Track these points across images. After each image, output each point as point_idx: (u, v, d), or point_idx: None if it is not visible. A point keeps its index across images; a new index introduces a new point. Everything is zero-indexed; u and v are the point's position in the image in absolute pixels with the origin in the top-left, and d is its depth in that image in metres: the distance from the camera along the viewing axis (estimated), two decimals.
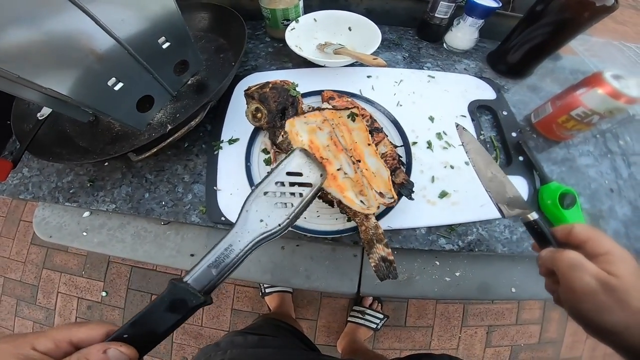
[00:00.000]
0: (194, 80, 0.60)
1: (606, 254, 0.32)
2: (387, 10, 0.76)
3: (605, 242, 0.33)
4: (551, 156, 0.58)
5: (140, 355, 0.23)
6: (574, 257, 0.33)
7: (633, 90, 0.46)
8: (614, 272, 0.30)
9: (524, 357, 1.31)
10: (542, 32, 0.59)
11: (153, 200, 0.53)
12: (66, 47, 0.37)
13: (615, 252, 0.31)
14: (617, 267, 0.30)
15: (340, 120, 0.47)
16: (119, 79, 0.45)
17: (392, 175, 0.45)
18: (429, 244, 0.49)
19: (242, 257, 0.29)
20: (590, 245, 0.33)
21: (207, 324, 1.31)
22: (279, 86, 0.46)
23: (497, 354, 1.31)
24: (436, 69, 0.69)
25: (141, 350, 0.23)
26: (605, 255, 0.32)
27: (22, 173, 0.57)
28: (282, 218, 0.31)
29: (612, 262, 0.31)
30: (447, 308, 1.34)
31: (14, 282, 1.43)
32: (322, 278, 0.52)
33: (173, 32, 0.50)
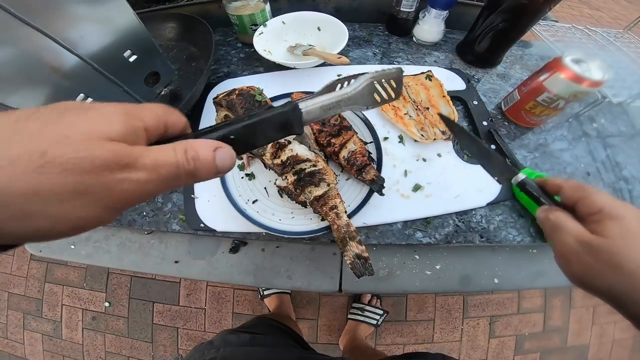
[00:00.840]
0: (168, 90, 0.61)
1: (597, 213, 0.29)
2: (355, 7, 0.77)
3: (597, 200, 0.30)
4: (524, 143, 0.58)
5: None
6: (555, 218, 0.31)
7: (595, 73, 0.46)
8: (601, 231, 0.28)
9: (530, 346, 1.31)
10: (502, 19, 0.60)
11: (134, 211, 0.54)
12: (28, 67, 0.38)
13: (607, 211, 0.29)
14: (605, 227, 0.28)
15: (418, 82, 0.61)
16: (87, 94, 0.45)
17: (363, 172, 0.46)
18: (406, 238, 0.49)
19: (342, 110, 0.29)
20: (580, 205, 0.31)
21: (209, 328, 1.32)
22: (245, 92, 0.47)
23: (502, 344, 1.30)
24: (407, 63, 0.70)
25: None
26: (596, 214, 0.29)
27: None
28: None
29: (601, 221, 0.29)
30: (447, 300, 1.33)
31: (18, 297, 1.46)
32: (304, 278, 0.53)
33: (138, 45, 0.50)
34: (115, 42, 0.47)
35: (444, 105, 0.59)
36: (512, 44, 0.65)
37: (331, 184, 0.44)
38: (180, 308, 1.36)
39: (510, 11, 0.58)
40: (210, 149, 0.20)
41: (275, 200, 0.48)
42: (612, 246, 0.27)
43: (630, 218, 0.28)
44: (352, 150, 0.47)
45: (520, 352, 1.30)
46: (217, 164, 0.20)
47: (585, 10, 2.47)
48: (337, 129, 0.48)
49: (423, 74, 0.62)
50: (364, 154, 0.47)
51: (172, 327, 1.34)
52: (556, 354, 1.30)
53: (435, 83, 0.61)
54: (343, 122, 0.49)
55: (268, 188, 0.49)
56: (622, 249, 0.27)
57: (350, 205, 0.47)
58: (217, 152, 0.20)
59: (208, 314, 1.34)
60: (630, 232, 0.27)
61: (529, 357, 1.30)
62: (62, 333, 1.40)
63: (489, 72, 0.69)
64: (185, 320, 1.34)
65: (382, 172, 0.49)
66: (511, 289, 0.55)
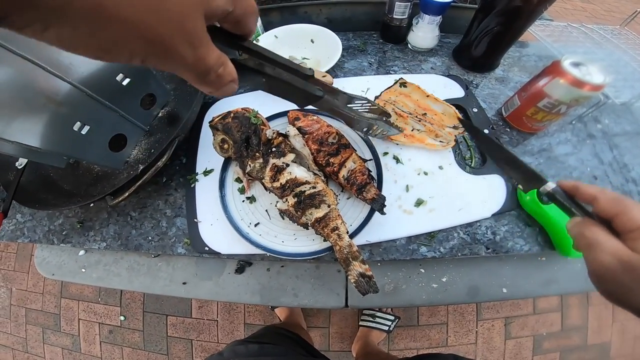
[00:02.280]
0: (165, 112, 0.61)
1: (637, 230, 0.27)
2: (348, 17, 0.76)
3: (636, 215, 0.28)
4: (527, 149, 0.57)
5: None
6: (591, 235, 0.30)
7: (595, 76, 0.45)
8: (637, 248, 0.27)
9: (549, 345, 1.28)
10: (497, 22, 0.58)
11: (140, 236, 0.54)
12: (21, 98, 0.38)
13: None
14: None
15: (397, 93, 0.60)
16: (84, 122, 0.45)
17: (363, 191, 0.45)
18: (410, 254, 0.49)
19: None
20: (619, 220, 0.29)
21: (222, 339, 1.33)
22: (240, 115, 0.47)
23: (519, 345, 1.28)
24: (403, 71, 0.69)
25: None
26: (636, 231, 0.28)
27: (16, 219, 0.60)
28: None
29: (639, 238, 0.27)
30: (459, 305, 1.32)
31: (36, 312, 1.50)
32: (310, 295, 0.53)
33: (131, 67, 0.50)
34: (106, 66, 0.46)
35: (435, 105, 0.58)
36: (509, 46, 0.64)
37: (332, 205, 0.43)
38: (193, 320, 1.37)
39: (505, 14, 0.56)
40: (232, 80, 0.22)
41: (277, 222, 0.48)
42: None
43: None
44: (352, 168, 0.47)
45: (539, 352, 1.27)
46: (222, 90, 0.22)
47: (578, 4, 2.42)
48: (335, 147, 0.47)
49: (396, 82, 0.61)
50: (363, 172, 0.46)
51: (186, 339, 1.36)
52: (577, 353, 1.27)
53: (412, 87, 0.60)
54: (341, 139, 0.49)
55: (269, 210, 0.49)
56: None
57: (352, 224, 0.47)
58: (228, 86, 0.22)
59: (220, 325, 1.35)
60: None
61: (549, 356, 1.27)
62: (80, 347, 1.43)
63: (487, 76, 0.68)
64: (198, 332, 1.36)
65: (383, 189, 0.48)
66: (521, 297, 0.54)
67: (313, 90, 0.29)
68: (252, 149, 0.46)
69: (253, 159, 0.46)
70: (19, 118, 0.39)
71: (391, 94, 0.60)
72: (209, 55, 0.19)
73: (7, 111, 0.38)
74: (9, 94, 0.37)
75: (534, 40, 0.71)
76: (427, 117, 0.57)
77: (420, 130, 0.56)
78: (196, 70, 0.19)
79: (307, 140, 0.49)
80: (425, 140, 0.54)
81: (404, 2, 0.64)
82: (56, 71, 0.40)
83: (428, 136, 0.55)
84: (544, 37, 0.66)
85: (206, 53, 0.19)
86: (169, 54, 0.17)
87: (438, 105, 0.58)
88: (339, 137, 0.49)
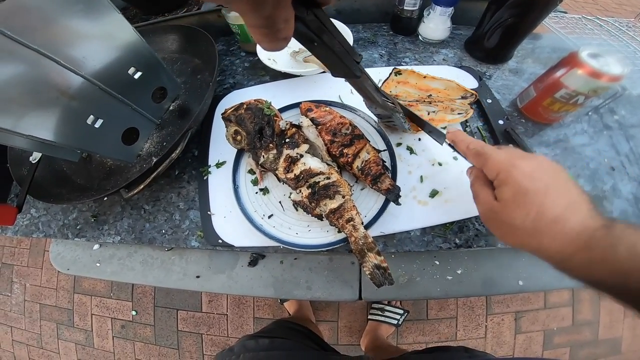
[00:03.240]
0: (176, 105, 0.61)
1: (496, 178, 0.32)
2: (357, 8, 0.75)
3: (493, 165, 0.32)
4: (543, 139, 0.56)
5: None
6: (474, 189, 0.35)
7: (613, 67, 0.44)
8: (499, 196, 0.31)
9: (560, 340, 1.28)
10: (511, 14, 0.57)
11: (153, 229, 0.55)
12: (35, 91, 0.38)
13: (501, 177, 0.31)
14: (501, 192, 0.31)
15: (395, 83, 0.59)
16: (97, 115, 0.45)
17: (378, 182, 0.45)
18: (425, 245, 0.48)
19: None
20: (485, 171, 0.33)
21: (232, 333, 1.35)
22: (253, 106, 0.47)
23: (529, 340, 1.28)
24: (414, 63, 0.68)
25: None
26: (495, 179, 0.32)
27: (30, 214, 0.61)
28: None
29: (498, 186, 0.31)
30: (469, 298, 1.31)
31: (50, 308, 1.53)
32: (323, 288, 0.53)
33: (142, 61, 0.50)
34: (118, 59, 0.46)
35: (434, 83, 0.58)
36: (523, 39, 0.62)
37: (346, 195, 0.43)
38: (203, 314, 1.39)
39: (519, 6, 0.55)
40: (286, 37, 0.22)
41: (290, 214, 0.48)
42: (505, 209, 0.30)
43: (520, 177, 0.30)
44: (366, 159, 0.46)
45: (550, 347, 1.27)
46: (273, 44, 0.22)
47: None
48: (349, 138, 0.47)
49: (390, 74, 0.60)
50: (377, 162, 0.46)
51: (196, 333, 1.38)
52: (588, 348, 1.27)
53: (406, 72, 0.59)
54: (355, 130, 0.48)
55: (283, 202, 0.49)
56: (514, 209, 0.30)
57: (366, 215, 0.46)
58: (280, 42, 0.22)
59: (230, 319, 1.37)
60: (520, 192, 0.29)
61: (559, 351, 1.27)
62: (94, 342, 1.46)
63: (500, 68, 0.67)
64: (208, 326, 1.37)
65: (397, 180, 0.48)
66: (537, 290, 0.53)
67: (355, 69, 0.32)
68: (266, 140, 0.46)
69: (267, 150, 0.46)
70: (32, 112, 0.39)
71: (390, 86, 0.59)
72: (283, 13, 0.20)
73: (21, 105, 0.38)
74: (21, 88, 0.37)
75: (547, 32, 0.69)
76: (432, 97, 0.57)
77: (436, 112, 0.55)
78: (265, 20, 0.20)
79: (320, 131, 0.48)
80: (445, 119, 0.54)
81: None
82: (69, 65, 0.40)
83: (445, 114, 0.55)
84: (559, 30, 0.64)
85: (282, 10, 0.20)
86: (254, 2, 0.18)
87: (437, 82, 0.58)
88: (352, 128, 0.48)
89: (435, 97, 0.57)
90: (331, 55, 0.29)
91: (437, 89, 0.58)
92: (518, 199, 0.29)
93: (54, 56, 0.38)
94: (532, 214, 0.28)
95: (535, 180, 0.29)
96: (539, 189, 0.29)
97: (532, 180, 0.29)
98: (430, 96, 0.57)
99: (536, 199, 0.28)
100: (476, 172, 0.36)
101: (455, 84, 0.56)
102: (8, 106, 0.36)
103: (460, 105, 0.55)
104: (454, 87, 0.57)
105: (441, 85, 0.58)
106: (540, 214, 0.28)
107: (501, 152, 0.33)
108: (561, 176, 0.30)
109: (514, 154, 0.32)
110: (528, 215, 0.29)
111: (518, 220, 0.29)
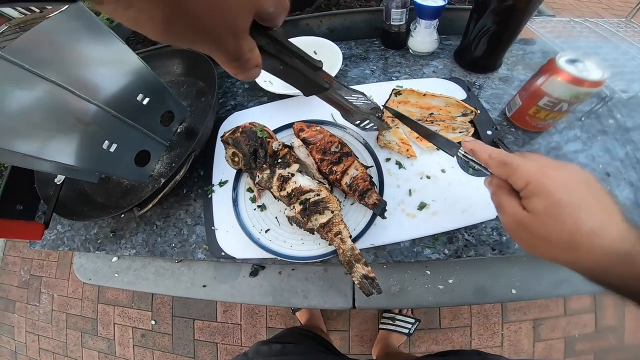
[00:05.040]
0: (183, 127, 0.65)
1: (524, 189, 0.30)
2: (348, 26, 0.78)
3: (522, 175, 0.30)
4: (534, 148, 0.57)
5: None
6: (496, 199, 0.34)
7: (593, 72, 0.44)
8: (530, 208, 0.29)
9: (582, 347, 1.23)
10: (492, 22, 0.58)
11: (164, 243, 0.59)
12: (54, 118, 0.43)
13: (531, 187, 0.29)
14: (531, 203, 0.29)
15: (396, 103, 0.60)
16: (111, 140, 0.50)
17: (365, 197, 0.48)
18: (415, 256, 0.50)
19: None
20: (511, 182, 0.31)
21: (245, 343, 1.38)
22: (247, 129, 0.51)
23: (549, 347, 1.24)
24: (405, 77, 0.70)
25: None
26: (524, 190, 0.30)
27: (56, 229, 0.67)
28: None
29: (528, 197, 0.30)
30: (483, 306, 1.29)
31: (75, 317, 1.62)
32: (319, 296, 0.55)
33: (148, 87, 0.54)
34: (127, 87, 0.51)
35: (434, 101, 0.59)
36: (508, 45, 0.63)
37: (335, 211, 0.46)
38: (219, 324, 1.43)
39: (499, 13, 0.56)
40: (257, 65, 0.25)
41: (285, 228, 0.52)
42: (537, 221, 0.28)
43: (553, 189, 0.28)
44: (354, 175, 0.49)
45: (572, 355, 1.23)
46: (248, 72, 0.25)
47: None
48: (337, 156, 0.50)
49: (390, 95, 0.60)
50: (365, 179, 0.49)
51: (211, 342, 1.42)
52: (613, 353, 1.22)
53: (405, 92, 0.60)
54: (344, 148, 0.51)
55: (279, 217, 0.53)
56: (548, 222, 0.28)
57: (355, 229, 0.49)
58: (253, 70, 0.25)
59: (244, 329, 1.40)
60: (554, 203, 0.28)
61: (583, 358, 1.22)
62: (115, 350, 1.52)
63: (490, 77, 0.68)
64: (223, 335, 1.41)
65: (385, 194, 0.50)
66: (531, 298, 0.53)
67: (321, 82, 0.34)
68: (260, 161, 0.50)
69: (261, 170, 0.50)
70: (54, 139, 0.44)
71: (392, 106, 0.60)
72: (244, 43, 0.23)
73: (43, 132, 0.42)
74: (43, 115, 0.41)
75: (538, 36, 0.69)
76: (434, 115, 0.58)
77: (438, 131, 0.56)
78: (231, 54, 0.23)
79: (311, 150, 0.52)
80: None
81: (399, 8, 0.65)
82: (83, 94, 0.44)
83: (447, 133, 0.56)
84: (545, 34, 0.64)
85: (243, 42, 0.23)
86: (216, 42, 0.21)
87: (437, 99, 0.59)
88: (341, 146, 0.52)
89: (437, 116, 0.58)
90: (297, 74, 0.32)
91: (438, 106, 0.59)
92: (553, 211, 0.28)
93: (68, 87, 0.42)
94: (568, 228, 0.27)
95: (570, 193, 0.28)
96: (574, 201, 0.27)
97: (566, 192, 0.28)
98: (432, 114, 0.59)
99: (572, 212, 0.27)
100: (498, 182, 0.34)
101: (455, 100, 0.57)
102: (32, 132, 0.41)
103: (461, 124, 0.57)
104: (454, 104, 0.58)
105: (441, 102, 0.59)
106: (576, 227, 0.27)
107: (530, 162, 0.31)
108: (595, 187, 0.29)
109: (545, 164, 0.31)
110: (563, 230, 0.27)
111: (553, 234, 0.28)
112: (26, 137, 0.41)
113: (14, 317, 1.74)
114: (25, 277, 1.77)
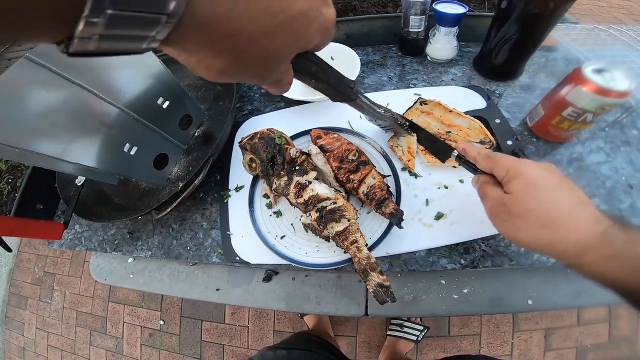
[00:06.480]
0: (201, 131, 0.66)
1: (506, 175, 0.33)
2: (366, 32, 0.78)
3: (504, 164, 0.34)
4: (556, 159, 0.56)
5: None
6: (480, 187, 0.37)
7: (620, 83, 0.43)
8: (510, 190, 0.32)
9: (594, 357, 1.21)
10: (516, 30, 0.57)
11: (180, 246, 0.60)
12: (78, 120, 0.44)
13: (512, 172, 0.32)
14: (512, 185, 0.32)
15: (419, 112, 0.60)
16: (132, 144, 0.51)
17: (382, 206, 0.48)
18: (430, 266, 0.50)
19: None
20: (495, 172, 0.35)
21: (252, 346, 1.38)
22: (266, 136, 0.52)
23: (560, 357, 1.22)
24: (423, 84, 0.69)
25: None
26: (506, 176, 0.33)
27: (75, 229, 0.69)
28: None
29: (509, 181, 0.32)
30: (495, 315, 1.27)
31: (86, 315, 1.64)
32: (332, 303, 0.55)
33: (169, 91, 0.55)
34: (149, 91, 0.52)
35: (458, 120, 0.57)
36: (531, 53, 0.62)
37: (351, 219, 0.46)
38: (226, 326, 1.44)
39: (522, 21, 0.55)
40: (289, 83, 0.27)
41: (301, 235, 0.52)
42: (516, 200, 0.31)
43: (531, 172, 0.31)
44: (371, 185, 0.49)
45: None
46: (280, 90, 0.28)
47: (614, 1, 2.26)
48: (355, 165, 0.50)
49: (416, 102, 0.60)
50: (382, 188, 0.49)
51: (219, 344, 1.42)
52: None
53: (432, 104, 0.59)
54: (361, 157, 0.52)
55: (295, 224, 0.53)
56: (526, 199, 0.30)
57: (371, 238, 0.49)
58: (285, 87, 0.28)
59: (251, 331, 1.41)
60: (532, 183, 0.31)
61: None
62: (123, 349, 1.54)
63: (510, 85, 0.67)
64: (230, 337, 1.42)
65: (402, 203, 0.50)
66: (549, 309, 0.52)
67: (350, 93, 0.37)
68: (278, 167, 0.50)
69: (279, 177, 0.50)
70: (78, 141, 0.45)
71: (413, 115, 0.60)
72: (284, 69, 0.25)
73: (68, 135, 0.43)
74: (67, 118, 0.43)
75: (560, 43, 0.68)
76: (451, 135, 0.57)
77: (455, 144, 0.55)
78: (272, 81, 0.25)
79: (328, 158, 0.52)
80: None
81: (418, 15, 0.65)
82: (107, 97, 0.46)
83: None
84: (569, 42, 0.63)
85: (284, 69, 0.25)
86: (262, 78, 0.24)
87: (462, 120, 0.57)
88: (359, 155, 0.52)
89: (454, 136, 0.57)
90: (328, 87, 0.34)
91: (459, 127, 0.57)
92: (530, 190, 0.30)
93: (93, 90, 0.44)
94: (545, 205, 0.29)
95: (545, 178, 0.31)
96: (550, 184, 0.30)
97: (542, 177, 0.31)
98: (450, 133, 0.57)
99: (549, 192, 0.30)
100: (484, 179, 0.37)
101: (479, 125, 0.56)
102: (57, 134, 0.42)
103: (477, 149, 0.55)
104: (477, 128, 0.56)
105: (465, 124, 0.57)
106: (553, 205, 0.29)
107: (511, 156, 0.35)
108: (569, 180, 0.31)
109: (525, 160, 0.35)
110: (541, 206, 0.29)
111: (532, 211, 0.30)
112: (51, 139, 0.42)
113: (25, 313, 1.77)
114: (40, 275, 1.80)
